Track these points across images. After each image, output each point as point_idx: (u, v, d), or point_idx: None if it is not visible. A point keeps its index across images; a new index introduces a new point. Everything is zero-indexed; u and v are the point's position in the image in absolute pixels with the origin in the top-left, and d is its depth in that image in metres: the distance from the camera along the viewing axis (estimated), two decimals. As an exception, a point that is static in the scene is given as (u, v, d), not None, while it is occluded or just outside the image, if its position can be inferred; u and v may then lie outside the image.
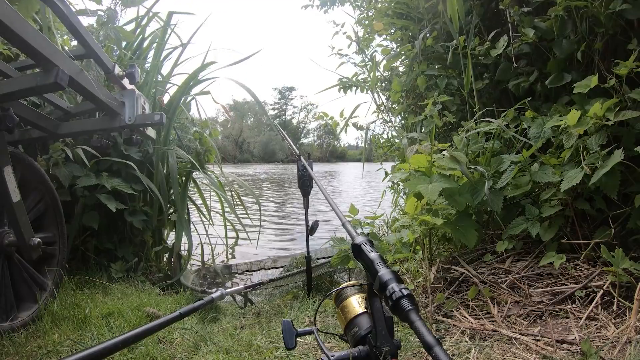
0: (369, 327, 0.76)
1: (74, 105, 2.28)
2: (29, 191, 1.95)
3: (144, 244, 2.91)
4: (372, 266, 0.71)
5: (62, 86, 1.43)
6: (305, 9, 4.80)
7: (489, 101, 2.57)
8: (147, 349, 1.52)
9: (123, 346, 0.76)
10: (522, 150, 1.92)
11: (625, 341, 1.31)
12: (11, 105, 1.67)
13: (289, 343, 0.84)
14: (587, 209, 1.81)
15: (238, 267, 3.27)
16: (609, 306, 1.54)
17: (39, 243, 1.80)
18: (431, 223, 1.77)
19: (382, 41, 3.50)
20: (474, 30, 2.45)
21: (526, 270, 1.83)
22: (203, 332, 1.75)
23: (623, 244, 1.74)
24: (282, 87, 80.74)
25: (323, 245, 3.29)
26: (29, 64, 1.84)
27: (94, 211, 2.55)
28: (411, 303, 0.63)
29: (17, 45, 1.36)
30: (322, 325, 1.78)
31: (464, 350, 1.41)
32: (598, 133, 1.69)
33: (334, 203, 0.97)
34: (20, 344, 1.56)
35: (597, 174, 1.59)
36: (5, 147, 1.68)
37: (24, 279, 1.86)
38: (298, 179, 2.17)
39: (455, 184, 1.88)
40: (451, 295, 1.84)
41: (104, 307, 1.92)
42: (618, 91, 1.73)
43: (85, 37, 1.77)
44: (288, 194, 12.60)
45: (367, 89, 3.52)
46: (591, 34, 2.00)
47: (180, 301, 2.28)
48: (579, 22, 1.99)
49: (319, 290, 2.50)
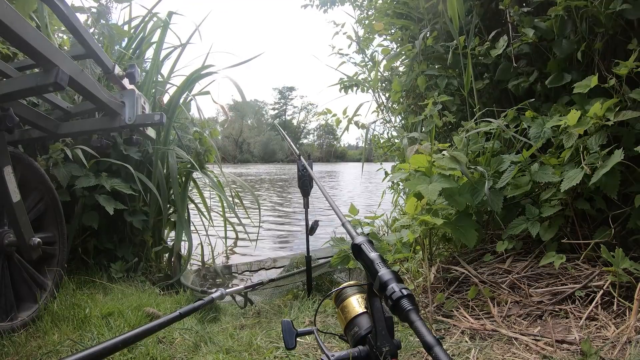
0: (369, 327, 0.76)
1: (71, 104, 2.27)
2: (29, 191, 1.95)
3: (144, 244, 2.91)
4: (372, 266, 0.71)
5: (62, 86, 1.43)
6: (305, 9, 4.80)
7: (489, 101, 2.57)
8: (147, 349, 1.52)
9: (123, 346, 0.76)
10: (522, 150, 1.92)
11: (625, 341, 1.31)
12: (11, 105, 1.67)
13: (289, 343, 0.84)
14: (587, 209, 1.81)
15: (238, 267, 3.27)
16: (609, 306, 1.54)
17: (39, 243, 1.80)
18: (431, 223, 1.77)
19: (382, 41, 3.50)
20: (474, 30, 2.45)
21: (526, 270, 1.83)
22: (203, 332, 1.75)
23: (623, 244, 1.74)
24: (282, 87, 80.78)
25: (323, 245, 3.29)
26: (29, 64, 1.84)
27: (93, 211, 2.55)
28: (411, 303, 0.63)
29: (17, 45, 1.36)
30: (322, 325, 1.78)
31: (464, 350, 1.41)
32: (598, 133, 1.69)
33: (333, 203, 0.97)
34: (20, 344, 1.56)
35: (597, 173, 1.59)
36: (5, 147, 1.68)
37: (24, 279, 1.86)
38: (298, 179, 2.17)
39: (455, 184, 1.88)
40: (451, 295, 1.84)
41: (104, 307, 1.92)
42: (618, 91, 1.73)
43: (85, 37, 1.77)
44: (288, 194, 12.60)
45: (368, 88, 3.52)
46: (591, 34, 2.01)
47: (180, 301, 2.28)
48: (579, 22, 1.99)
49: (319, 290, 2.50)
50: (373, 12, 3.67)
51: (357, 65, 3.80)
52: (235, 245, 3.74)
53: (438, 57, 2.73)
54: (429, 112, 2.38)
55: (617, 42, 1.98)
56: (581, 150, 1.73)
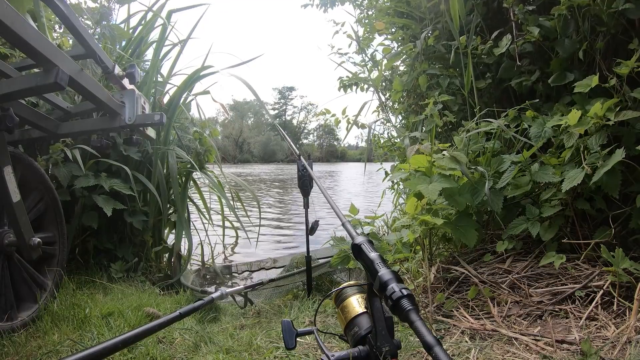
0: (369, 327, 0.76)
1: (72, 104, 2.27)
2: (29, 191, 1.95)
3: (144, 244, 2.91)
4: (372, 266, 0.71)
5: (62, 86, 1.43)
6: (305, 8, 4.80)
7: (490, 101, 2.57)
8: (147, 349, 1.52)
9: (123, 346, 0.76)
10: (523, 150, 1.92)
11: (625, 341, 1.31)
12: (11, 105, 1.67)
13: (289, 343, 0.84)
14: (587, 209, 1.81)
15: (238, 267, 3.27)
16: (609, 306, 1.54)
17: (39, 243, 1.80)
18: (431, 223, 1.77)
19: (383, 40, 3.50)
20: (476, 29, 2.45)
21: (526, 270, 1.83)
22: (203, 332, 1.75)
23: (623, 244, 1.74)
24: (282, 87, 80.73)
25: (323, 245, 3.29)
26: (29, 64, 1.84)
27: (93, 211, 2.55)
28: (411, 303, 0.63)
29: (17, 45, 1.36)
30: (322, 325, 1.78)
31: (464, 350, 1.41)
32: (598, 133, 1.69)
33: (333, 203, 0.97)
34: (20, 344, 1.56)
35: (598, 172, 1.59)
36: (5, 147, 1.68)
37: (24, 279, 1.86)
38: (298, 179, 2.16)
39: (455, 183, 1.88)
40: (451, 295, 1.84)
41: (104, 307, 1.92)
42: (618, 91, 1.73)
43: (85, 37, 1.77)
44: (288, 194, 12.60)
45: (368, 87, 3.52)
46: (593, 33, 2.00)
47: (180, 301, 2.28)
48: (581, 21, 1.99)
49: (319, 290, 2.50)
50: (373, 11, 3.67)
51: (356, 65, 3.80)
52: (235, 244, 3.74)
53: (440, 57, 2.73)
54: (430, 112, 2.38)
55: (618, 41, 1.98)
56: (582, 150, 1.73)
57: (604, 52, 2.00)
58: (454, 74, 2.65)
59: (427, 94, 2.72)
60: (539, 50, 2.23)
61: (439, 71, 2.71)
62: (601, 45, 1.95)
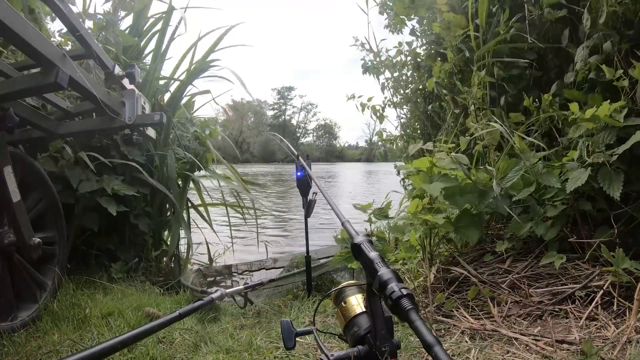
0: (369, 326, 0.76)
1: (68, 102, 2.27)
2: (29, 191, 1.95)
3: (144, 244, 2.91)
4: (372, 265, 0.71)
5: (62, 86, 1.43)
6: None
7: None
8: (147, 349, 1.52)
9: (123, 346, 0.76)
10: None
11: (625, 341, 1.31)
12: (11, 105, 1.67)
13: (288, 343, 0.83)
14: (588, 209, 1.80)
15: (238, 267, 3.26)
16: (609, 306, 1.54)
17: (39, 243, 1.80)
18: (432, 222, 1.77)
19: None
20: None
21: (526, 270, 1.83)
22: (203, 332, 1.75)
23: (625, 243, 1.73)
24: (282, 87, 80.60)
25: (323, 246, 3.28)
26: (29, 64, 1.84)
27: (94, 212, 2.54)
28: (411, 302, 0.63)
29: (17, 45, 1.36)
30: (322, 325, 1.78)
31: (464, 350, 1.41)
32: (606, 131, 1.67)
33: (333, 203, 0.96)
34: (20, 344, 1.56)
35: (627, 144, 1.56)
36: (5, 147, 1.68)
37: (24, 279, 1.86)
38: (297, 179, 2.16)
39: (457, 183, 1.87)
40: (451, 295, 1.84)
41: (104, 307, 1.92)
42: (628, 93, 1.71)
43: (85, 37, 1.77)
44: (288, 193, 12.59)
45: (401, 68, 3.57)
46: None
47: (180, 301, 2.28)
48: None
49: (319, 290, 2.50)
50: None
51: (383, 53, 3.76)
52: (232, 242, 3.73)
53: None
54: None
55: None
56: (587, 146, 1.70)
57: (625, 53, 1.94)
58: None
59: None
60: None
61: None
62: (626, 46, 1.90)
